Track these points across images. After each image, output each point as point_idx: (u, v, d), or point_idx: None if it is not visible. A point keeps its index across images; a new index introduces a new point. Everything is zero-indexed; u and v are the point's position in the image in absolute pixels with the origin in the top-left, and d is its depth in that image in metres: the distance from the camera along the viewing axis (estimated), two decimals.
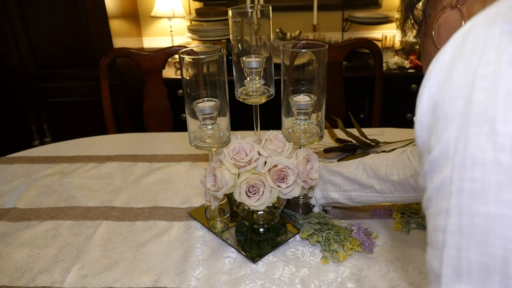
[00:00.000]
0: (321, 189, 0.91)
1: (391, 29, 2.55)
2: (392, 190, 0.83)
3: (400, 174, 0.82)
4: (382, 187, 0.85)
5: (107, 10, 2.07)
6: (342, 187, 0.88)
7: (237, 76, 0.97)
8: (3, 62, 2.16)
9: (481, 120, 0.29)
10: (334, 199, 0.90)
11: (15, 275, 0.80)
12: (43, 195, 1.07)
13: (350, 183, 0.87)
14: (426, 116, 0.34)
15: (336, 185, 0.89)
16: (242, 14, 0.92)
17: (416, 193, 0.81)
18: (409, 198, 0.84)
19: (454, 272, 0.30)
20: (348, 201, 0.89)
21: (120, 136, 1.44)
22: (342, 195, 0.89)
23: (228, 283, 0.76)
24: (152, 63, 1.63)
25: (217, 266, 0.80)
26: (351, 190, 0.88)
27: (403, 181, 0.82)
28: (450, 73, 0.32)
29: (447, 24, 0.51)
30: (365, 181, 0.86)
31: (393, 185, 0.83)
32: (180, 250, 0.85)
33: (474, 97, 0.29)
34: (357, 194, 0.87)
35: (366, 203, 0.88)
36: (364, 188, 0.86)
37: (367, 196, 0.87)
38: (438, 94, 0.33)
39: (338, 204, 0.91)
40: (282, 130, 0.92)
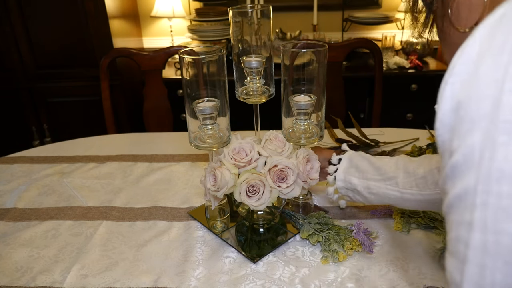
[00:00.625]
0: (345, 171, 0.86)
1: (391, 29, 2.56)
2: (412, 185, 0.79)
3: (426, 166, 0.78)
4: (404, 181, 0.80)
5: (107, 10, 2.07)
6: (365, 174, 0.84)
7: (238, 75, 0.97)
8: (3, 62, 2.16)
9: (511, 128, 0.26)
10: (353, 184, 0.85)
11: (15, 275, 0.80)
12: (43, 195, 1.07)
13: (375, 171, 0.83)
14: (448, 115, 0.31)
15: (360, 170, 0.85)
16: (242, 14, 0.93)
17: (435, 190, 0.76)
18: (425, 198, 0.78)
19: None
20: (365, 191, 0.84)
21: (120, 136, 1.44)
22: (362, 183, 0.84)
23: (228, 283, 0.76)
24: (152, 63, 1.63)
25: (217, 266, 0.80)
26: (372, 179, 0.83)
27: (427, 174, 0.77)
28: (477, 69, 0.29)
29: (466, 1, 0.46)
30: (391, 171, 0.82)
31: (415, 179, 0.79)
32: (180, 250, 0.85)
33: (504, 99, 0.27)
34: (376, 185, 0.83)
35: (381, 197, 0.83)
36: (385, 180, 0.82)
37: (385, 188, 0.82)
38: (462, 92, 0.30)
39: (354, 193, 0.86)
40: (282, 130, 0.92)
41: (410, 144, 1.24)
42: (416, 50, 2.39)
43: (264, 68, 0.94)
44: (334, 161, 0.89)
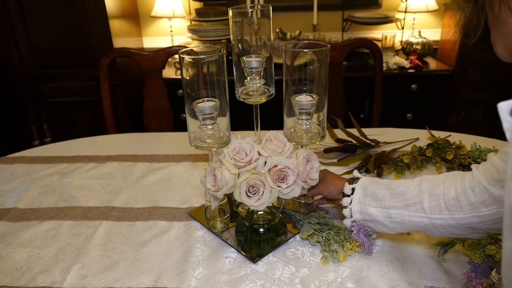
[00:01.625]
0: (360, 202, 0.79)
1: (391, 29, 2.56)
2: (442, 208, 0.70)
3: (458, 185, 0.69)
4: (431, 204, 0.71)
5: (107, 10, 2.07)
6: (383, 202, 0.76)
7: (238, 76, 0.97)
8: (3, 62, 2.16)
9: None
10: (371, 215, 0.78)
11: (15, 275, 0.80)
12: (43, 195, 1.07)
13: (394, 197, 0.76)
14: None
15: (378, 199, 0.77)
16: (242, 14, 0.93)
17: (471, 212, 0.67)
18: (459, 222, 0.69)
19: None
20: (387, 221, 0.76)
21: (120, 136, 1.44)
22: (382, 212, 0.76)
23: (228, 283, 0.76)
24: (152, 63, 1.63)
25: (217, 266, 0.80)
26: (393, 206, 0.75)
27: (460, 194, 0.68)
28: None
29: None
30: (413, 195, 0.73)
31: (445, 201, 0.70)
32: (180, 250, 0.85)
33: None
34: (399, 213, 0.74)
35: (407, 225, 0.75)
36: (408, 206, 0.73)
37: (409, 215, 0.73)
38: None
39: (375, 223, 0.79)
40: (284, 130, 0.92)
41: (410, 144, 1.24)
42: (416, 50, 2.39)
43: (264, 68, 0.94)
44: (347, 192, 0.83)
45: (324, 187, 0.88)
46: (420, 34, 2.42)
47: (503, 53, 0.50)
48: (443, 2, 2.46)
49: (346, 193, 0.83)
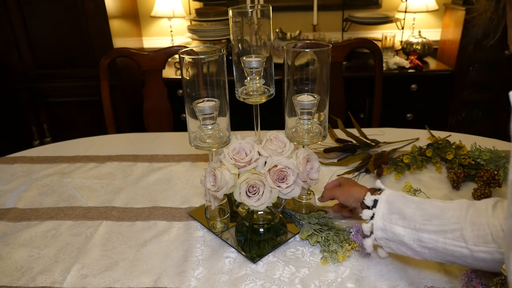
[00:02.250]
0: (385, 218, 0.70)
1: (391, 29, 2.56)
2: (488, 240, 0.59)
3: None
4: (475, 234, 0.61)
5: (107, 10, 2.07)
6: (412, 223, 0.67)
7: (238, 76, 0.97)
8: (3, 62, 2.16)
9: None
10: (397, 235, 0.68)
11: (15, 275, 0.80)
12: (43, 195, 1.07)
13: (426, 219, 0.66)
14: None
15: (406, 218, 0.68)
16: (242, 14, 0.93)
17: None
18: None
19: None
20: (415, 244, 0.67)
21: (120, 136, 1.44)
22: (410, 234, 0.67)
23: (228, 283, 0.76)
24: (152, 63, 1.63)
25: (217, 266, 0.80)
26: (424, 229, 0.65)
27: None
28: None
29: None
30: (451, 220, 0.63)
31: (492, 232, 0.60)
32: (180, 250, 0.85)
33: None
34: (432, 238, 0.64)
35: (441, 253, 0.65)
36: (445, 232, 0.64)
37: (444, 243, 0.63)
38: None
39: (399, 245, 0.69)
40: (285, 130, 0.92)
41: (410, 144, 1.24)
42: (416, 50, 2.39)
43: (264, 68, 0.94)
44: (368, 203, 0.73)
45: (340, 193, 0.83)
46: (420, 34, 2.42)
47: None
48: (443, 2, 2.46)
49: (367, 205, 0.73)
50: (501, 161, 1.05)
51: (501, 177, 0.98)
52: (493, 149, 1.09)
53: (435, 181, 1.07)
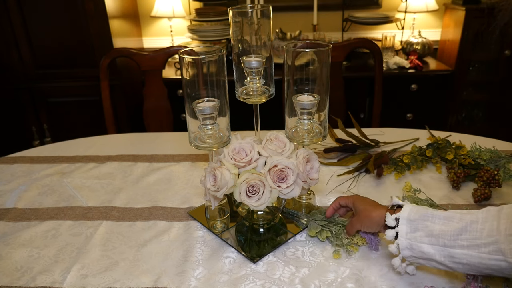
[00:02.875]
0: (409, 237, 0.67)
1: (391, 29, 2.56)
2: None
3: None
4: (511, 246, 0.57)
5: (107, 10, 2.07)
6: (441, 240, 0.64)
7: (238, 76, 0.97)
8: (3, 62, 2.16)
9: None
10: (426, 253, 0.66)
11: (15, 275, 0.80)
12: (43, 195, 1.07)
13: (455, 234, 0.63)
14: None
15: (433, 235, 0.65)
16: (242, 14, 0.93)
17: None
18: None
19: None
20: (447, 260, 0.64)
21: (120, 136, 1.44)
22: (440, 251, 0.64)
23: (228, 283, 0.76)
24: (152, 63, 1.63)
25: (217, 266, 0.80)
26: (455, 245, 0.63)
27: None
28: None
29: None
30: (483, 233, 0.60)
31: None
32: (180, 250, 0.85)
33: None
34: (464, 253, 0.61)
35: (477, 267, 0.62)
36: (478, 246, 0.61)
37: (480, 258, 0.61)
38: None
39: (431, 262, 0.67)
40: (285, 130, 0.92)
41: (410, 144, 1.24)
42: (416, 50, 2.39)
43: (264, 68, 0.94)
44: (390, 224, 0.70)
45: (360, 223, 0.78)
46: (420, 34, 2.42)
47: None
48: (443, 2, 2.46)
49: (389, 225, 0.71)
50: (501, 161, 1.05)
51: (501, 177, 0.98)
52: (493, 149, 1.09)
53: (435, 181, 1.07)
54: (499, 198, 0.99)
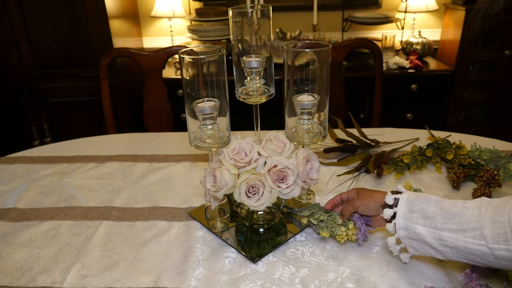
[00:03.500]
0: (406, 217, 0.71)
1: (391, 29, 2.56)
2: (508, 238, 0.60)
3: None
4: (495, 232, 0.61)
5: (107, 10, 2.07)
6: (433, 222, 0.67)
7: (237, 76, 0.97)
8: (3, 62, 2.16)
9: None
10: (418, 234, 0.69)
11: (15, 275, 0.80)
12: (43, 195, 1.07)
13: (446, 217, 0.66)
14: None
15: (427, 217, 0.68)
16: (242, 14, 0.93)
17: None
18: None
19: None
20: (437, 243, 0.67)
21: (120, 136, 1.44)
22: (431, 233, 0.68)
23: (228, 283, 0.76)
24: (152, 63, 1.63)
25: (217, 266, 0.80)
26: (445, 228, 0.66)
27: None
28: None
29: None
30: (471, 219, 0.64)
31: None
32: (180, 250, 0.85)
33: None
34: (452, 237, 0.65)
35: (462, 252, 0.65)
36: (465, 230, 0.64)
37: (465, 242, 0.64)
38: None
39: (422, 244, 0.70)
40: (285, 130, 0.92)
41: (410, 144, 1.24)
42: (416, 50, 2.39)
43: (264, 68, 0.94)
44: (389, 201, 0.74)
45: (360, 201, 0.80)
46: (420, 34, 2.42)
47: None
48: (443, 2, 2.46)
49: (388, 203, 0.74)
50: (501, 161, 1.05)
51: (501, 177, 0.98)
52: (493, 149, 1.09)
53: (435, 181, 1.07)
54: (499, 198, 0.99)
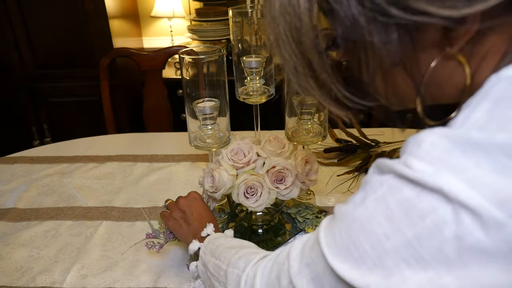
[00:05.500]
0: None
1: None
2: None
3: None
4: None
5: (107, 10, 2.07)
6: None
7: (237, 75, 0.97)
8: (3, 62, 2.16)
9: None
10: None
11: (15, 275, 0.80)
12: (43, 195, 1.07)
13: (224, 248, 0.65)
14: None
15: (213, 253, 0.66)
16: (242, 14, 0.93)
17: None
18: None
19: None
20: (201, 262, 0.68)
21: (120, 136, 1.44)
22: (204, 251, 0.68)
23: None
24: (152, 63, 1.63)
25: None
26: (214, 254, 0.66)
27: None
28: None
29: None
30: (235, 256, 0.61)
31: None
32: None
33: None
34: (209, 259, 0.65)
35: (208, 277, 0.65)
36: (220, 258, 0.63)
37: (214, 265, 0.63)
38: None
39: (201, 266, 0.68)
40: (285, 130, 0.92)
41: None
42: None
43: (264, 68, 0.94)
44: (191, 250, 0.71)
45: (185, 201, 0.78)
46: None
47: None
48: None
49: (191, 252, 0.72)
50: None
51: None
52: None
53: None
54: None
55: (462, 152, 0.33)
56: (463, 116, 0.35)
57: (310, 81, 0.43)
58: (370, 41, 0.37)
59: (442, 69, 0.39)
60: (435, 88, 0.41)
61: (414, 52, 0.38)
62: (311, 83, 0.43)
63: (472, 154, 0.33)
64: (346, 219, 0.40)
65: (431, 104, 0.43)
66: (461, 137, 0.34)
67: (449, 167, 0.33)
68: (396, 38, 0.37)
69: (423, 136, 0.36)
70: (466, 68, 0.38)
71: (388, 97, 0.44)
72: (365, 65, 0.40)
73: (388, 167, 0.38)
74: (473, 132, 0.33)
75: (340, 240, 0.40)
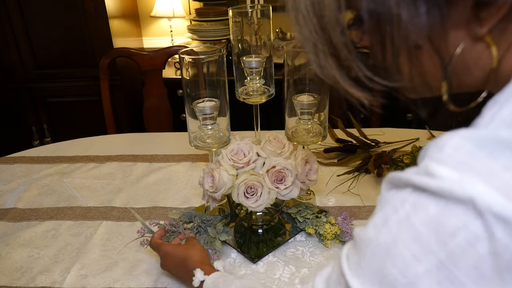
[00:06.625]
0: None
1: None
2: None
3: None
4: None
5: (107, 10, 2.07)
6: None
7: (238, 75, 0.97)
8: (3, 62, 2.16)
9: None
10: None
11: (15, 275, 0.80)
12: (43, 195, 1.07)
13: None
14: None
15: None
16: (242, 14, 0.93)
17: None
18: None
19: None
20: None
21: (120, 136, 1.44)
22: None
23: None
24: (152, 63, 1.63)
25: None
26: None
27: None
28: None
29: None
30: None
31: None
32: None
33: None
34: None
35: None
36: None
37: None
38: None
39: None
40: (285, 130, 0.92)
41: (410, 144, 1.24)
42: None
43: (264, 68, 0.94)
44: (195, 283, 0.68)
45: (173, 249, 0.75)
46: None
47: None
48: None
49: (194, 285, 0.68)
50: None
51: None
52: None
53: None
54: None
55: (488, 154, 0.30)
56: (491, 114, 0.33)
57: (329, 59, 0.41)
58: (397, 14, 0.34)
59: (469, 51, 0.37)
60: (461, 70, 0.38)
61: (443, 29, 0.35)
62: (331, 62, 0.41)
63: (500, 155, 0.30)
64: (369, 244, 0.37)
65: (455, 93, 0.40)
66: (486, 137, 0.31)
67: (475, 172, 0.30)
68: (425, 11, 0.34)
69: (445, 140, 0.33)
70: (493, 49, 0.36)
71: (413, 77, 0.41)
72: (389, 42, 0.37)
73: (404, 181, 0.35)
74: (501, 130, 0.31)
75: (367, 270, 0.37)
